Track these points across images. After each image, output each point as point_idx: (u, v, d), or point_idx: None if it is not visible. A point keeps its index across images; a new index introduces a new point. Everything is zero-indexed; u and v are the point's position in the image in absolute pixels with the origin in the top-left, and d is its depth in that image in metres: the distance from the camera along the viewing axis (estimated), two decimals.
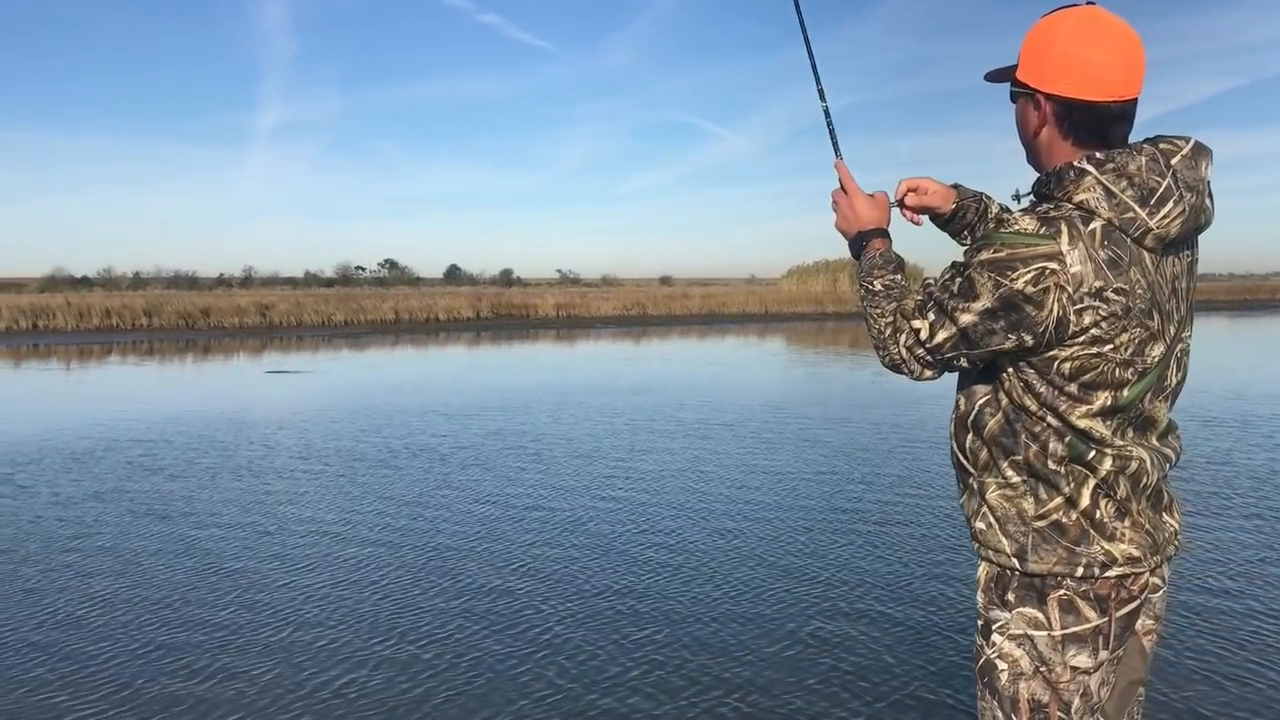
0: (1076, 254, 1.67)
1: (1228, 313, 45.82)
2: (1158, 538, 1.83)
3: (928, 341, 1.83)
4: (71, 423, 11.85)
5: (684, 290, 54.16)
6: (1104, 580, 1.79)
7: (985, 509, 1.87)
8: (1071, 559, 1.78)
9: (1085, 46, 1.75)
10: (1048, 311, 1.68)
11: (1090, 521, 1.78)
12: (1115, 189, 1.70)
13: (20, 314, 32.14)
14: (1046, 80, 1.78)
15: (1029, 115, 1.85)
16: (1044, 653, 1.81)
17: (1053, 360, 1.74)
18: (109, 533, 6.66)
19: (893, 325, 1.91)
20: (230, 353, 24.83)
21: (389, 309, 38.68)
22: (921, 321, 1.84)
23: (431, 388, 15.95)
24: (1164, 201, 1.71)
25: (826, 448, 9.74)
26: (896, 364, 1.92)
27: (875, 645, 4.54)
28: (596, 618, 4.95)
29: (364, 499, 7.64)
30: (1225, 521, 6.60)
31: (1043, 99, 1.80)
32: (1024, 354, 1.76)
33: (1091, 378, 1.73)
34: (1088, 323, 1.69)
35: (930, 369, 1.88)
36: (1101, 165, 1.72)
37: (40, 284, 55.86)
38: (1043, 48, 1.79)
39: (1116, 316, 1.69)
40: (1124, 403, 1.76)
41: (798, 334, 32.50)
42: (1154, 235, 1.71)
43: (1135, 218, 1.70)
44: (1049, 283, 1.67)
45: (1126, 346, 1.72)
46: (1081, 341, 1.71)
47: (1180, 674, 4.15)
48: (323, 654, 4.51)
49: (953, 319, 1.78)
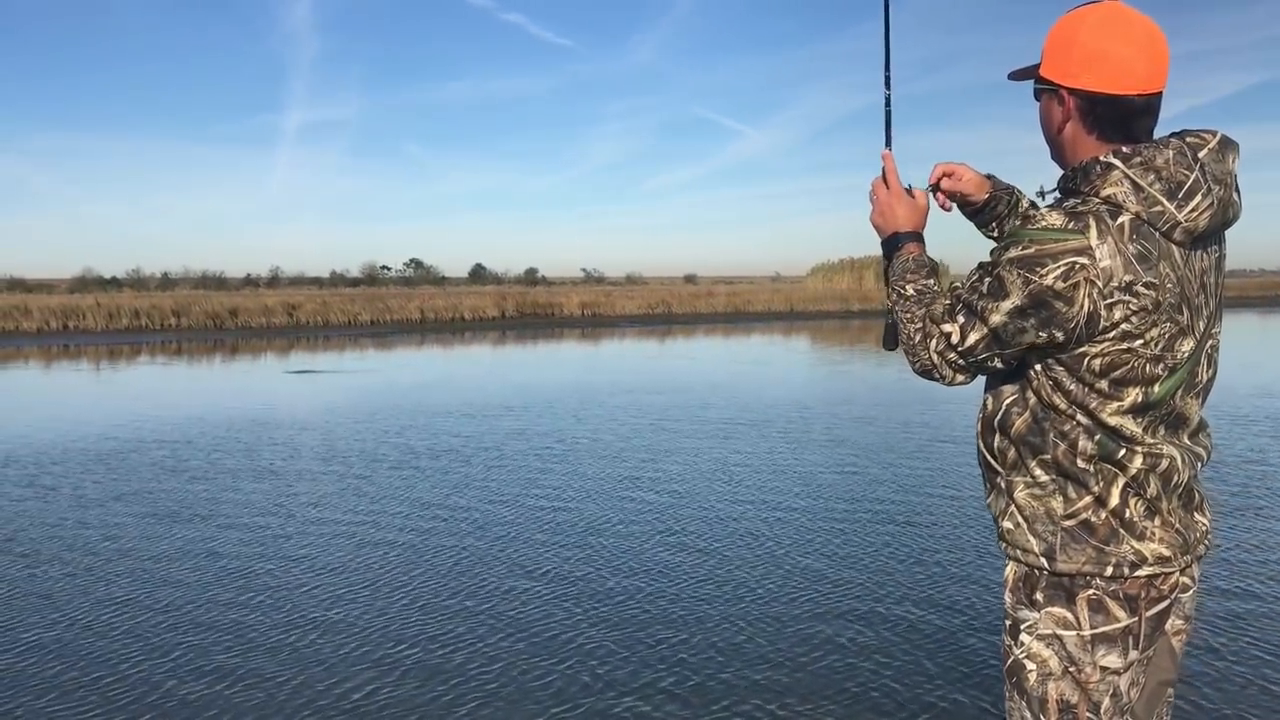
0: (1106, 248, 1.66)
1: (1259, 309, 45.25)
2: (1188, 537, 1.81)
3: (959, 345, 1.81)
4: (99, 423, 11.92)
5: (709, 288, 54.13)
6: (1134, 580, 1.76)
7: (1013, 508, 1.85)
8: (1101, 558, 1.75)
9: (1108, 41, 1.74)
10: (1078, 307, 1.66)
11: (1120, 520, 1.76)
12: (1143, 183, 1.69)
13: (51, 315, 32.51)
14: (1070, 75, 1.78)
15: (1053, 111, 1.84)
16: (1073, 653, 1.78)
17: (1083, 357, 1.72)
18: (132, 535, 6.66)
19: (922, 331, 1.90)
20: (257, 352, 24.97)
21: (414, 308, 38.85)
22: (951, 325, 1.82)
23: (458, 387, 15.96)
24: (1192, 195, 1.69)
25: (854, 447, 9.64)
26: (928, 369, 1.90)
27: (913, 651, 4.44)
28: (628, 622, 4.88)
29: (388, 500, 7.62)
30: (1259, 521, 6.45)
31: (1066, 94, 1.80)
32: (1054, 351, 1.74)
33: (1122, 374, 1.71)
34: (1118, 317, 1.67)
35: (963, 373, 1.86)
36: (1128, 159, 1.71)
37: (70, 285, 56.51)
38: (1065, 44, 1.79)
39: (1147, 311, 1.68)
40: (1155, 399, 1.74)
41: (823, 332, 32.36)
42: (1183, 229, 1.70)
43: (1164, 211, 1.68)
44: (1079, 278, 1.65)
45: (1157, 342, 1.70)
46: (1112, 337, 1.69)
47: (1212, 676, 4.04)
48: (351, 658, 4.46)
49: (983, 319, 1.76)
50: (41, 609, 5.18)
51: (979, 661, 4.31)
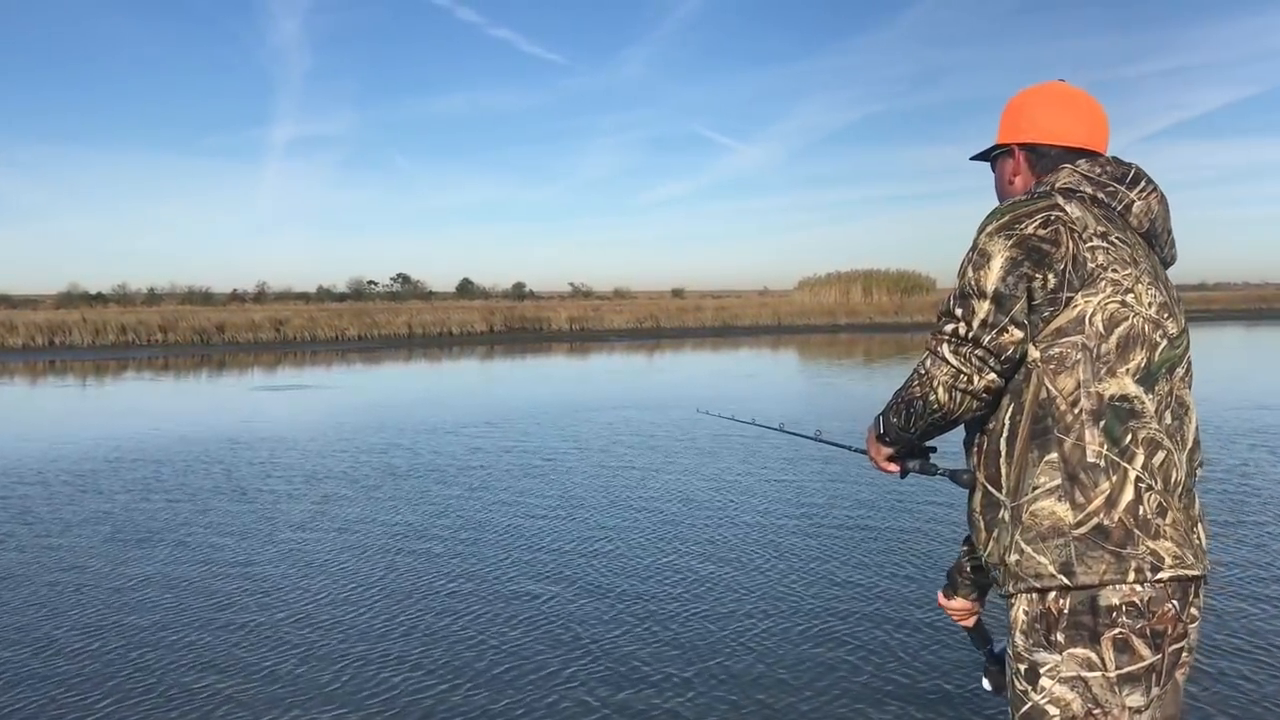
0: (1072, 206, 1.82)
1: (1245, 322, 45.51)
2: (1192, 541, 1.79)
3: (969, 333, 1.79)
4: (82, 440, 11.85)
5: (696, 302, 54.16)
6: (1161, 613, 1.73)
7: (1017, 537, 1.79)
8: (1120, 565, 1.71)
9: (1051, 108, 2.02)
10: (1064, 248, 1.76)
11: (1134, 519, 1.72)
12: (1091, 174, 1.90)
13: (37, 330, 32.34)
14: (1019, 132, 2.04)
15: (1005, 168, 2.08)
16: (1099, 695, 1.74)
17: (1083, 315, 1.76)
18: (104, 557, 6.56)
19: (929, 354, 1.85)
20: (245, 367, 24.88)
21: (402, 323, 38.78)
22: (954, 323, 1.82)
23: (446, 402, 15.92)
24: (1137, 181, 1.91)
25: (844, 464, 9.65)
26: (952, 383, 1.80)
27: (893, 669, 4.46)
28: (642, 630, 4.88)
29: (369, 523, 7.59)
30: (1251, 531, 6.49)
31: (1017, 150, 2.05)
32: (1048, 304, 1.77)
33: (1125, 330, 1.77)
34: (1101, 260, 1.77)
35: (987, 366, 1.77)
36: (1075, 163, 1.93)
37: (56, 300, 56.24)
38: (1015, 113, 2.06)
39: (1126, 263, 1.79)
40: (1155, 367, 1.79)
41: (811, 346, 32.41)
42: (1137, 208, 1.88)
43: (1116, 190, 1.88)
44: (1058, 225, 1.78)
45: (1148, 302, 1.80)
46: (1104, 287, 1.77)
47: (1213, 696, 4.06)
48: (336, 681, 4.45)
49: (980, 293, 1.79)
50: (5, 632, 5.15)
51: (957, 682, 4.33)
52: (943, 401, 1.82)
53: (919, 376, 1.86)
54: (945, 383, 1.80)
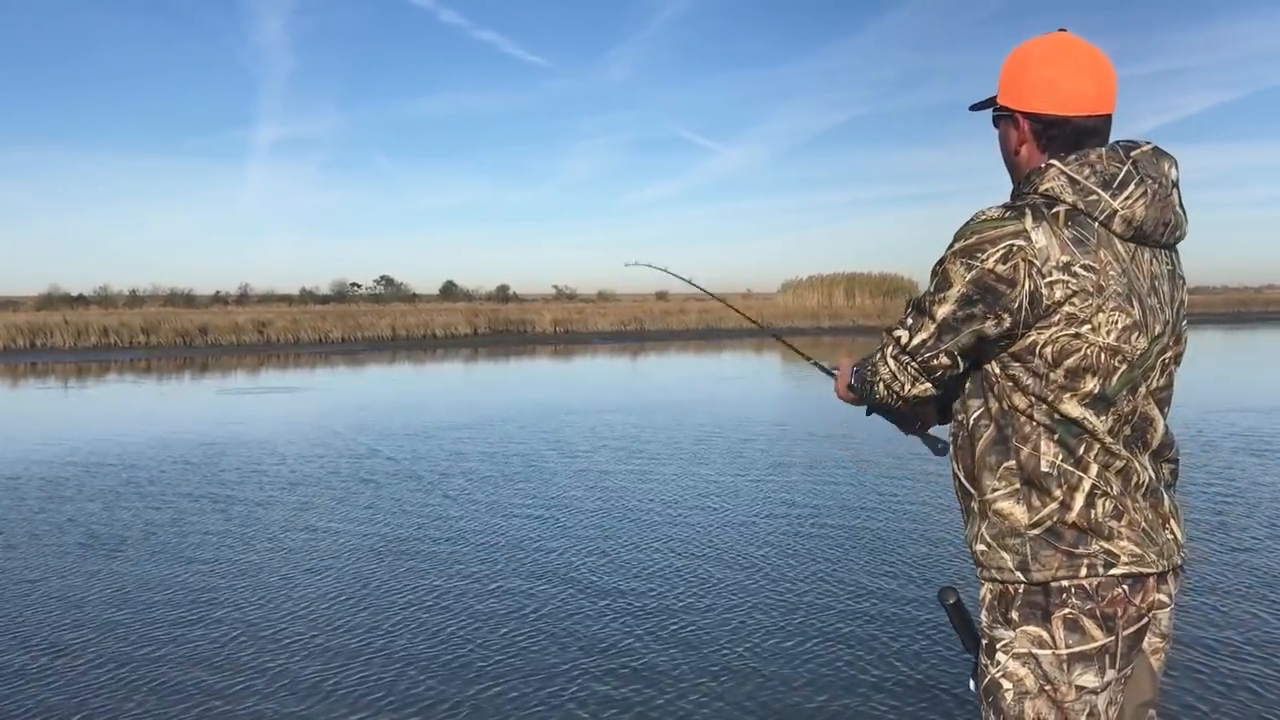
0: (1040, 231, 1.76)
1: (1224, 325, 45.88)
2: (1158, 539, 1.83)
3: (908, 344, 1.88)
4: (60, 443, 11.81)
5: (680, 305, 54.15)
6: (1111, 597, 1.78)
7: (983, 530, 1.88)
8: (1072, 562, 1.77)
9: (1057, 68, 1.87)
10: (1020, 288, 1.74)
11: (1087, 521, 1.78)
12: (1078, 176, 1.80)
13: (18, 332, 32.10)
14: (1024, 100, 1.90)
15: (1010, 135, 1.96)
16: (1049, 671, 1.80)
17: (1034, 346, 1.78)
18: (80, 566, 6.62)
19: (880, 348, 1.97)
20: (228, 370, 24.79)
21: (386, 325, 38.70)
22: (901, 330, 1.91)
23: (431, 405, 15.93)
24: (1125, 185, 1.80)
25: (834, 465, 9.73)
26: (889, 383, 1.96)
27: (885, 668, 4.53)
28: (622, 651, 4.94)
29: (352, 528, 7.62)
30: (1234, 535, 6.60)
31: (1021, 118, 1.92)
32: (1005, 343, 1.80)
33: (1075, 362, 1.76)
34: (1059, 296, 1.74)
35: (920, 380, 1.91)
36: (1064, 159, 1.83)
37: (36, 302, 55.73)
38: (1018, 72, 1.92)
39: (1088, 293, 1.74)
40: (1112, 391, 1.78)
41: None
42: (1120, 217, 1.79)
43: (1098, 199, 1.79)
44: (1017, 259, 1.74)
45: (1107, 329, 1.76)
46: (1058, 322, 1.75)
47: (1194, 695, 4.15)
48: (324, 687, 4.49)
49: (930, 315, 1.84)
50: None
51: (950, 678, 4.40)
52: (881, 395, 2.00)
53: (870, 366, 2.02)
54: (885, 380, 1.96)
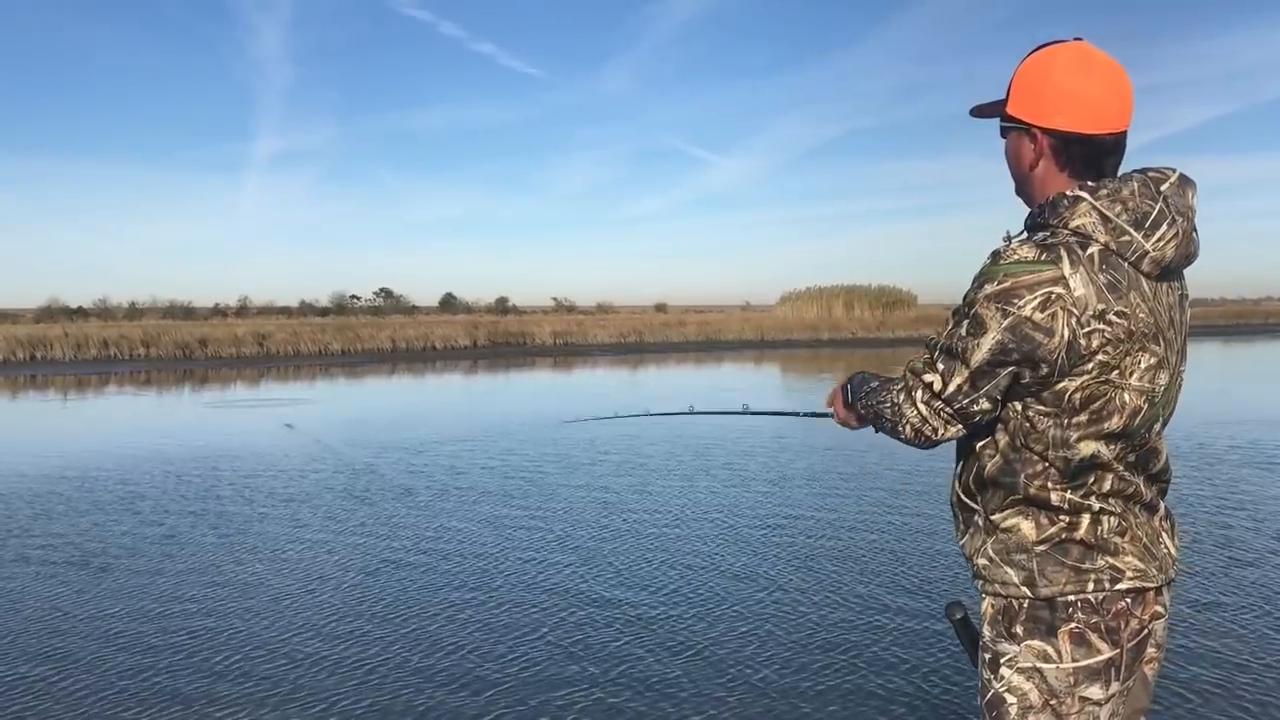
0: (1079, 277, 1.69)
1: (1222, 337, 45.90)
2: (1157, 553, 1.84)
3: (942, 392, 1.81)
4: (55, 457, 11.81)
5: (680, 317, 54.19)
6: (1115, 610, 1.79)
7: (986, 545, 1.87)
8: (1080, 578, 1.78)
9: (1080, 81, 1.78)
10: (1059, 337, 1.68)
11: (1094, 538, 1.79)
12: (1110, 214, 1.73)
13: (18, 345, 32.06)
14: (1043, 115, 1.81)
15: (1023, 149, 1.87)
16: (1054, 685, 1.79)
17: (1064, 392, 1.74)
18: (70, 584, 6.61)
19: (904, 389, 1.89)
20: (228, 382, 24.78)
21: (385, 338, 38.69)
22: (932, 374, 1.83)
23: (429, 419, 15.92)
24: (1158, 225, 1.74)
25: (836, 477, 9.73)
26: (918, 428, 1.88)
27: (890, 679, 4.54)
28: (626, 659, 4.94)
29: (351, 543, 7.62)
30: (1234, 551, 6.60)
31: (1039, 133, 1.83)
32: (1036, 387, 1.76)
33: (1100, 405, 1.74)
34: (1095, 345, 1.69)
35: (953, 424, 1.84)
36: (1095, 192, 1.75)
37: (36, 315, 55.74)
38: (1037, 83, 1.82)
39: (1119, 340, 1.71)
40: (1133, 430, 1.78)
41: (794, 361, 32.52)
42: (1150, 259, 1.74)
43: (1131, 241, 1.73)
44: (1056, 307, 1.68)
45: (1133, 372, 1.74)
46: (1091, 369, 1.71)
47: (1197, 708, 4.16)
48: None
49: (964, 361, 1.77)
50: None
51: (955, 691, 4.41)
52: (909, 437, 1.92)
53: (892, 404, 1.93)
54: (913, 424, 1.88)
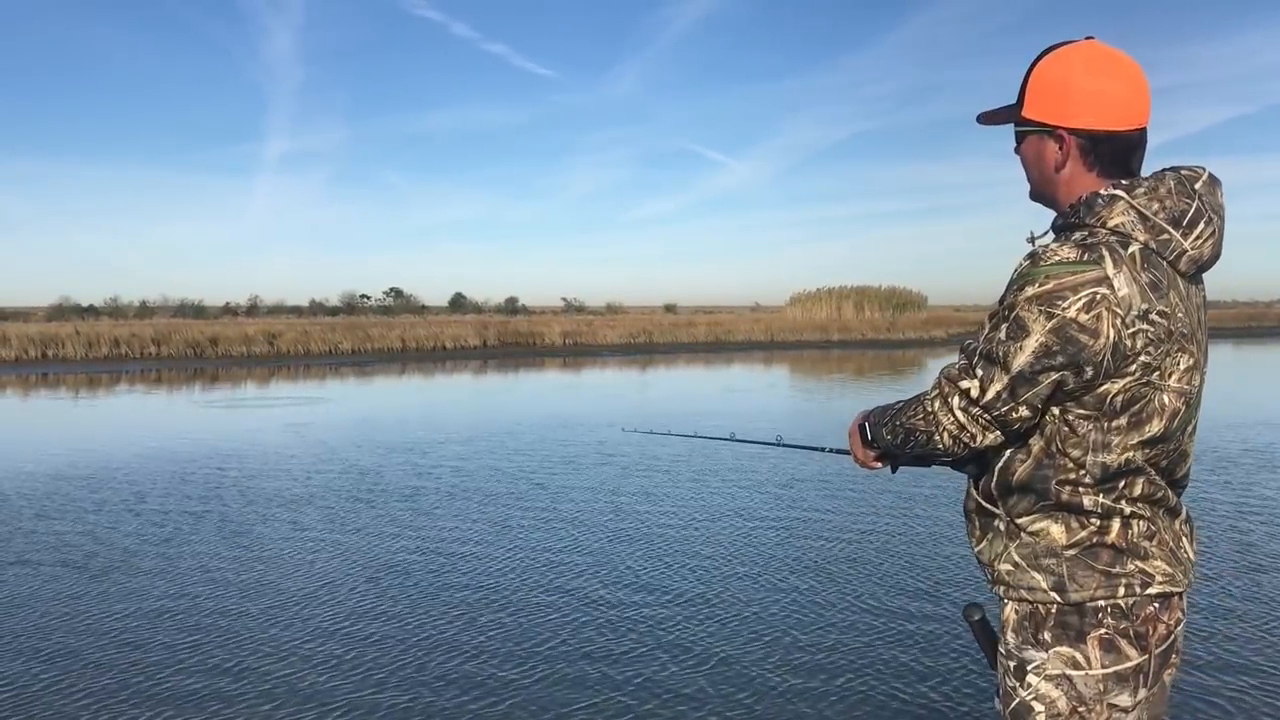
0: (1122, 277, 1.66)
1: (1233, 339, 45.72)
2: (1181, 558, 1.83)
3: (980, 399, 1.75)
4: (77, 451, 11.84)
5: (689, 318, 54.15)
6: (1144, 615, 1.76)
7: (1010, 550, 1.84)
8: (1110, 582, 1.75)
9: (1103, 78, 1.77)
10: (1104, 339, 1.65)
11: (1125, 542, 1.77)
12: (1148, 212, 1.71)
13: (30, 343, 32.17)
14: (1068, 115, 1.79)
15: (1047, 151, 1.84)
16: (1084, 692, 1.76)
17: (1105, 395, 1.71)
18: (68, 586, 6.62)
19: (940, 396, 1.82)
20: (239, 381, 24.83)
21: (396, 337, 38.72)
22: (970, 380, 1.76)
23: (442, 420, 15.93)
24: (1195, 223, 1.72)
25: (847, 479, 9.71)
26: (956, 435, 1.81)
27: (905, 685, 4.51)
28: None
29: (396, 531, 7.62)
30: (1255, 557, 6.56)
31: (1066, 134, 1.81)
32: (1079, 391, 1.72)
33: (1141, 408, 1.72)
34: (1139, 346, 1.67)
35: (991, 430, 1.78)
36: (1132, 190, 1.73)
37: (47, 313, 55.99)
38: (1059, 85, 1.80)
39: (1160, 341, 1.68)
40: (1172, 433, 1.76)
41: (804, 362, 32.47)
42: (1188, 257, 1.72)
43: (1170, 239, 1.71)
44: (1101, 308, 1.65)
45: (1172, 373, 1.72)
46: (1134, 370, 1.69)
47: (1210, 713, 4.12)
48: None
49: (1005, 366, 1.71)
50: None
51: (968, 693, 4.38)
52: (946, 445, 1.84)
53: (925, 414, 1.85)
54: (951, 432, 1.81)
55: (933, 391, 1.85)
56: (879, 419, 2.01)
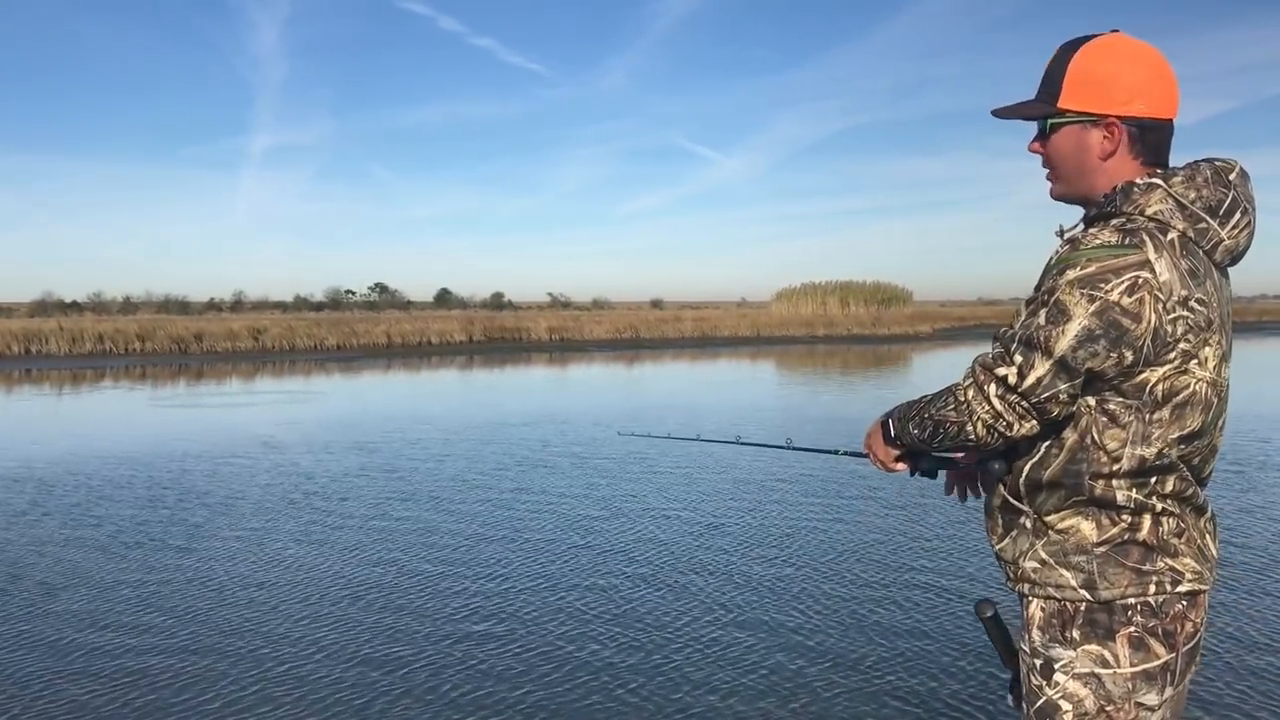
0: (1164, 262, 1.65)
1: (1238, 336, 45.86)
2: (1208, 556, 1.82)
3: (1019, 385, 1.69)
4: (63, 449, 11.78)
5: (675, 313, 54.20)
6: (1173, 613, 1.75)
7: (1037, 547, 1.81)
8: (1141, 579, 1.73)
9: (1148, 68, 1.78)
10: (1146, 323, 1.63)
11: (1155, 539, 1.75)
12: (1185, 200, 1.70)
13: (13, 339, 31.99)
14: (1119, 103, 1.77)
15: (1092, 141, 1.80)
16: (1112, 691, 1.74)
17: (1145, 383, 1.69)
18: (67, 583, 6.61)
19: (974, 384, 1.75)
20: (223, 376, 24.74)
21: (381, 333, 38.63)
22: (1007, 367, 1.70)
23: (430, 416, 15.90)
24: (1231, 213, 1.73)
25: (849, 476, 9.73)
26: (990, 424, 1.74)
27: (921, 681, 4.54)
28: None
29: (392, 532, 7.61)
30: (1261, 554, 6.62)
31: (1117, 124, 1.78)
32: (1119, 378, 1.69)
33: (1183, 398, 1.70)
34: (1180, 332, 1.65)
35: (1028, 419, 1.72)
36: (1169, 178, 1.72)
37: (30, 309, 55.70)
38: (1106, 73, 1.78)
39: (1199, 329, 1.68)
40: (1208, 425, 1.75)
41: (789, 357, 32.51)
42: (1224, 247, 1.73)
43: (1208, 229, 1.71)
44: (1143, 292, 1.63)
45: (1209, 362, 1.71)
46: (1173, 359, 1.67)
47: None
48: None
49: (1046, 350, 1.66)
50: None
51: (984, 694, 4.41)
52: (980, 435, 1.78)
53: (956, 403, 1.79)
54: (985, 421, 1.75)
55: (966, 380, 1.78)
56: (904, 414, 1.93)
